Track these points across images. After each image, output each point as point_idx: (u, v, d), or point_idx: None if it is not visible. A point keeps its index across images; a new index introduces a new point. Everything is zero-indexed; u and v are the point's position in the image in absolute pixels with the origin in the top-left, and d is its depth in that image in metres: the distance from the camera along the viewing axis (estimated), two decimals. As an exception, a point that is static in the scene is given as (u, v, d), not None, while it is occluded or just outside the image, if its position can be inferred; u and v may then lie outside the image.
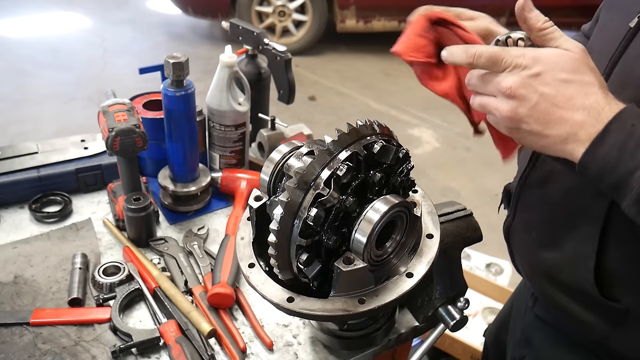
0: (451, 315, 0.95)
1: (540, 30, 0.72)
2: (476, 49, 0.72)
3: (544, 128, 0.69)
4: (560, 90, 0.67)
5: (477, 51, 0.72)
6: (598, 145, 0.66)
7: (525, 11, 0.72)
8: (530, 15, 0.72)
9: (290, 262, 0.76)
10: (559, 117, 0.68)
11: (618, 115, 0.66)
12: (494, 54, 0.70)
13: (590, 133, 0.67)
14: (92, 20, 5.97)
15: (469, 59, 0.73)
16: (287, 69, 1.44)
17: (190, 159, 1.26)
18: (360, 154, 0.73)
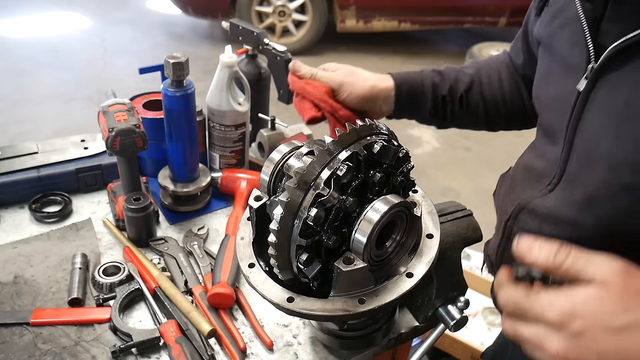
0: (451, 315, 0.95)
1: (558, 269, 0.57)
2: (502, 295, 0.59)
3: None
4: (620, 343, 0.52)
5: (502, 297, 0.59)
6: None
7: (527, 257, 0.59)
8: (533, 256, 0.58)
9: (290, 262, 0.76)
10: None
11: None
12: (517, 305, 0.57)
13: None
14: (92, 20, 5.98)
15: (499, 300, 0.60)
16: (287, 69, 1.44)
17: (190, 159, 1.26)
18: (360, 154, 0.73)
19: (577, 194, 0.81)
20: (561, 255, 0.57)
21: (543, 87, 0.93)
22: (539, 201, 0.88)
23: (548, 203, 0.86)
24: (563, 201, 0.84)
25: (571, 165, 0.83)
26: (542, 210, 0.87)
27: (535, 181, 0.91)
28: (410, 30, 5.59)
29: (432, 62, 5.51)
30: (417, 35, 6.18)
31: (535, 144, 1.00)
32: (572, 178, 0.83)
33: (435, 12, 5.44)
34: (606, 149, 0.77)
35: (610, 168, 0.76)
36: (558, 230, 0.84)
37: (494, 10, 5.46)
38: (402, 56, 5.60)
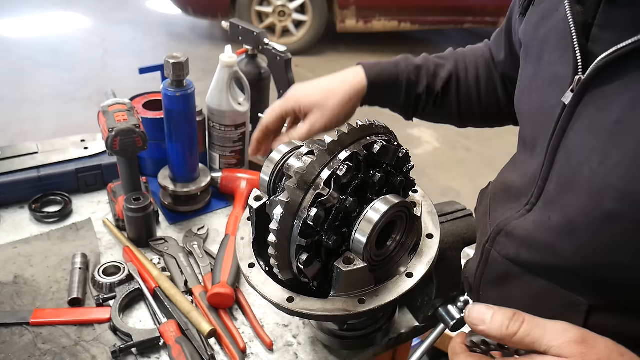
0: (451, 315, 0.95)
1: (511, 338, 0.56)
2: None
3: None
4: None
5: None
6: None
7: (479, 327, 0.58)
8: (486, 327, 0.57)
9: (290, 262, 0.76)
10: None
11: None
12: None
13: None
14: (92, 20, 5.98)
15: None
16: (287, 69, 1.44)
17: (190, 159, 1.26)
18: (360, 154, 0.73)
19: (556, 217, 0.74)
20: (514, 324, 0.56)
21: (525, 95, 0.85)
22: (516, 223, 0.81)
23: (526, 225, 0.79)
24: (541, 224, 0.77)
25: (550, 184, 0.76)
26: (520, 233, 0.80)
27: (514, 200, 0.85)
28: (410, 30, 5.59)
29: (432, 62, 5.51)
30: (417, 35, 6.18)
31: (516, 158, 0.94)
32: (551, 199, 0.76)
33: (435, 12, 5.44)
34: (589, 172, 0.69)
35: (592, 193, 0.69)
36: (536, 255, 0.78)
37: (494, 10, 5.46)
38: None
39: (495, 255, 0.85)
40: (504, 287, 0.84)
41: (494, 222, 0.88)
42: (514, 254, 0.81)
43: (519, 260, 0.80)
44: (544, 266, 0.77)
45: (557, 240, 0.74)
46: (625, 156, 0.65)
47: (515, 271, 0.81)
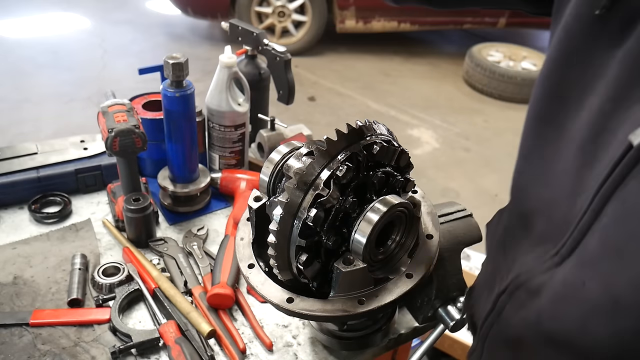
0: (451, 315, 0.95)
1: None
2: None
3: None
4: None
5: None
6: None
7: None
8: None
9: (290, 263, 0.76)
10: None
11: None
12: None
13: None
14: (91, 21, 5.98)
15: None
16: (287, 70, 1.44)
17: (190, 160, 1.26)
18: (360, 155, 0.73)
19: (593, 286, 0.55)
20: None
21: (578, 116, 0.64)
22: (541, 279, 0.63)
23: (553, 285, 0.61)
24: (572, 289, 0.58)
25: (591, 240, 0.56)
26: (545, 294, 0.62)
27: (536, 243, 0.67)
28: (410, 30, 5.59)
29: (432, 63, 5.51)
30: (417, 36, 6.18)
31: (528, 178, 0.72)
32: (590, 260, 0.57)
33: (435, 12, 5.44)
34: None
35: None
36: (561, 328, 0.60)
37: (494, 11, 5.46)
38: (402, 56, 5.61)
39: (511, 312, 0.67)
40: (515, 353, 0.68)
41: (511, 265, 0.71)
42: (534, 319, 0.63)
43: (539, 329, 0.63)
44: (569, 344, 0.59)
45: (591, 316, 0.55)
46: None
47: (531, 340, 0.64)
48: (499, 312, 0.70)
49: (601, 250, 0.55)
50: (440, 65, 5.48)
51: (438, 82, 5.16)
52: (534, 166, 0.70)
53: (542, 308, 0.62)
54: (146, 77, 1.46)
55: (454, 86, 5.12)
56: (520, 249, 0.71)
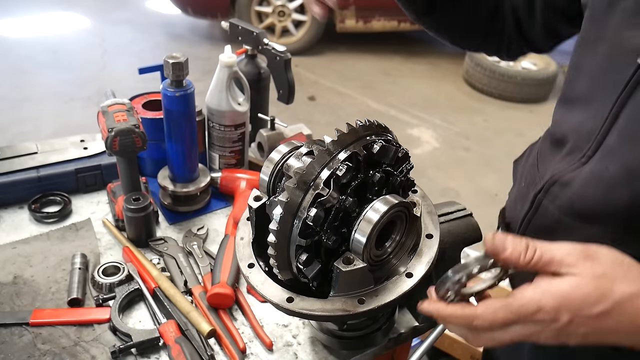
0: (451, 315, 0.95)
1: (527, 265, 0.63)
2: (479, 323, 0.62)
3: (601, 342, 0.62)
4: (598, 325, 0.60)
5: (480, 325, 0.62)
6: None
7: (500, 254, 0.64)
8: (506, 255, 0.63)
9: (290, 262, 0.76)
10: (615, 342, 0.61)
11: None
12: (507, 320, 0.61)
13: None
14: (91, 21, 5.98)
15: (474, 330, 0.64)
16: (287, 69, 1.44)
17: (190, 159, 1.26)
18: (359, 154, 0.73)
19: (614, 167, 0.77)
20: (530, 253, 0.63)
21: (589, 54, 0.86)
22: (572, 175, 0.83)
23: (582, 176, 0.82)
24: (598, 174, 0.79)
25: (611, 137, 0.78)
26: (575, 183, 0.82)
27: (567, 154, 0.87)
28: (410, 30, 5.59)
29: (432, 62, 5.51)
30: (417, 35, 6.18)
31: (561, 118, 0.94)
32: (610, 151, 0.78)
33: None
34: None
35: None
36: (590, 205, 0.80)
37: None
38: (402, 56, 5.61)
39: (547, 205, 0.86)
40: (551, 236, 0.83)
41: (544, 174, 0.90)
42: (568, 204, 0.83)
43: (572, 210, 0.82)
44: (597, 215, 0.79)
45: (614, 189, 0.76)
46: None
47: (566, 221, 0.83)
48: (536, 208, 0.89)
49: (619, 142, 0.76)
50: (440, 65, 5.48)
51: (438, 82, 5.16)
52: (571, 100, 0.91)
53: (573, 194, 0.82)
54: (146, 77, 1.46)
55: (454, 86, 5.12)
56: (552, 163, 0.90)
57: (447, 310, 0.66)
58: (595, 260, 0.61)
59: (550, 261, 0.62)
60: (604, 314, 0.59)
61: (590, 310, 0.59)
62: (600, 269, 0.61)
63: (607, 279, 0.60)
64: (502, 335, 0.63)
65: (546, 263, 0.62)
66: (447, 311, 0.66)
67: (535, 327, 0.61)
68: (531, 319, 0.61)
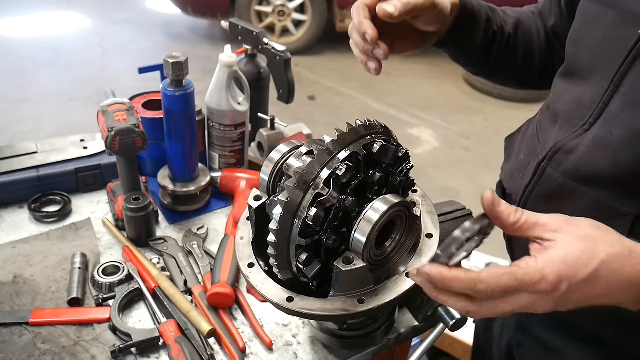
0: (451, 315, 0.95)
1: (514, 225, 0.66)
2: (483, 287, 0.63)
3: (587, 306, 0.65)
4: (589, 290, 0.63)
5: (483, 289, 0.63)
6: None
7: (496, 207, 0.66)
8: (500, 210, 0.66)
9: (290, 262, 0.76)
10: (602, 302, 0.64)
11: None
12: (510, 287, 0.62)
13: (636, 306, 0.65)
14: (91, 20, 5.97)
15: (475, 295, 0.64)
16: (287, 69, 1.44)
17: (190, 159, 1.26)
18: (359, 154, 0.73)
19: (618, 132, 0.80)
20: (517, 215, 0.66)
21: (589, 30, 0.90)
22: (575, 142, 0.86)
23: (585, 142, 0.85)
24: (601, 140, 0.82)
25: (614, 105, 0.82)
26: (579, 149, 0.85)
27: (567, 123, 0.90)
28: (410, 30, 5.57)
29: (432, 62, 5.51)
30: (417, 35, 6.17)
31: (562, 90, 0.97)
32: (614, 117, 0.82)
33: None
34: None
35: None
36: (595, 169, 0.83)
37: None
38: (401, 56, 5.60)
39: (551, 172, 0.89)
40: (555, 201, 0.89)
41: (546, 143, 0.93)
42: (572, 169, 0.86)
43: (576, 175, 0.85)
44: (601, 178, 0.82)
45: (618, 152, 0.80)
46: None
47: (570, 185, 0.86)
48: (540, 176, 0.91)
49: (622, 108, 0.80)
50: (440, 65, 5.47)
51: (438, 82, 5.16)
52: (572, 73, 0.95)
53: (578, 160, 0.84)
54: (146, 77, 1.46)
55: (454, 85, 5.12)
56: (553, 132, 0.92)
57: (451, 274, 0.63)
58: (576, 225, 0.65)
59: (535, 224, 0.65)
60: (593, 276, 0.62)
61: (583, 273, 0.61)
62: (581, 232, 0.64)
63: (590, 240, 0.63)
64: (504, 305, 0.64)
65: (531, 226, 0.65)
66: (451, 274, 0.63)
67: (536, 297, 0.62)
68: (533, 289, 0.62)
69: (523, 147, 1.05)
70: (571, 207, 0.85)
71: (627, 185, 0.80)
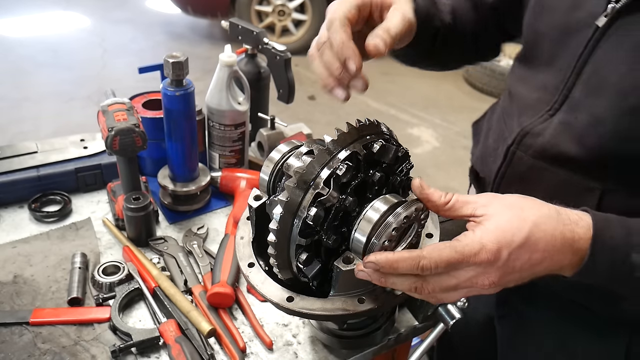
0: (451, 314, 0.95)
1: (445, 205, 0.71)
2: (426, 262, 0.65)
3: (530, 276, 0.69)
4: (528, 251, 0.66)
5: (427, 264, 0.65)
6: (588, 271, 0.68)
7: (425, 190, 0.71)
8: (430, 192, 0.71)
9: (290, 262, 0.76)
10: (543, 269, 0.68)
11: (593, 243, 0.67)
12: (451, 259, 0.65)
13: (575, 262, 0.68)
14: (91, 20, 5.97)
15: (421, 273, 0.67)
16: (287, 69, 1.44)
17: (190, 159, 1.26)
18: (359, 154, 0.73)
19: (582, 116, 0.84)
20: (448, 196, 0.71)
21: (547, 17, 0.92)
22: (542, 125, 0.89)
23: (552, 126, 0.88)
24: (567, 124, 0.86)
25: (576, 91, 0.85)
26: (547, 132, 0.88)
27: (531, 109, 0.93)
28: (410, 29, 5.57)
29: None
30: (417, 35, 6.17)
31: (524, 75, 1.00)
32: (577, 103, 0.85)
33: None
34: (617, 79, 0.79)
35: (619, 93, 0.79)
36: (563, 149, 0.86)
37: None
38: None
39: (521, 155, 0.92)
40: (526, 181, 0.92)
41: (512, 128, 0.95)
42: (541, 150, 0.89)
43: (545, 156, 0.88)
44: (569, 158, 0.85)
45: (583, 135, 0.83)
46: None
47: (539, 165, 0.90)
48: (510, 159, 0.94)
49: (585, 94, 0.83)
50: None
51: (438, 81, 5.16)
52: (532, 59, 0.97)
53: (546, 143, 0.88)
54: (146, 76, 1.46)
55: (454, 85, 5.12)
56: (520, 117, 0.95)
57: (395, 256, 0.67)
58: (503, 198, 0.70)
59: (465, 202, 0.69)
60: (529, 239, 0.65)
61: (519, 237, 0.65)
62: (508, 202, 0.69)
63: (518, 208, 0.67)
64: (449, 279, 0.67)
65: (462, 204, 0.70)
66: (395, 256, 0.67)
67: (480, 269, 0.65)
68: (474, 260, 0.64)
69: (491, 132, 1.07)
70: (542, 185, 0.90)
71: (593, 164, 0.84)
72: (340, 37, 0.77)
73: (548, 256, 0.66)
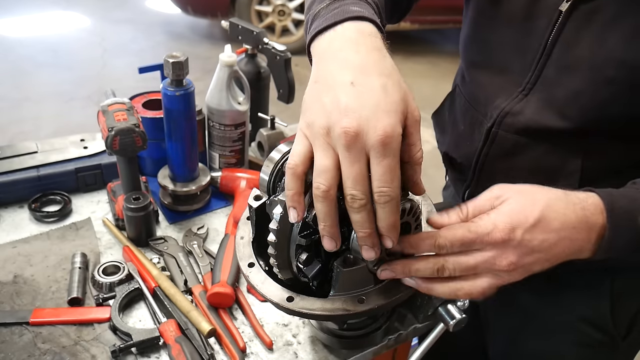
0: (451, 314, 0.94)
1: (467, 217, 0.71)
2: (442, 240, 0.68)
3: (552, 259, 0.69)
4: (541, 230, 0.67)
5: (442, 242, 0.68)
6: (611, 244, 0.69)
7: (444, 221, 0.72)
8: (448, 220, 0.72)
9: (290, 262, 0.76)
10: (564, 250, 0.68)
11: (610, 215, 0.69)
12: (465, 237, 0.67)
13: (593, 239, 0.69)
14: (91, 20, 5.98)
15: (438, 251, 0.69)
16: (287, 68, 1.44)
17: (190, 159, 1.26)
18: (359, 154, 0.73)
19: (560, 92, 0.86)
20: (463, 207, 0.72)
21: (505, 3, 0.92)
22: (521, 104, 0.91)
23: (531, 104, 0.90)
24: (546, 100, 0.88)
25: (548, 70, 0.87)
26: (527, 110, 0.91)
27: (502, 91, 0.95)
28: (410, 29, 5.58)
29: (432, 62, 5.51)
30: (417, 35, 6.18)
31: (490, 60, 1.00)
32: (551, 81, 0.87)
33: (435, 11, 5.43)
34: (589, 54, 0.81)
35: (594, 67, 0.81)
36: (545, 123, 0.89)
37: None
38: (401, 55, 5.60)
39: (503, 134, 0.94)
40: (510, 157, 0.95)
41: (488, 112, 0.96)
42: (524, 127, 0.91)
43: (529, 131, 0.91)
44: (551, 130, 0.88)
45: (564, 109, 0.86)
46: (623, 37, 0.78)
47: (523, 141, 0.92)
48: (492, 140, 0.95)
49: (559, 72, 0.85)
50: (439, 64, 5.47)
51: (437, 81, 5.15)
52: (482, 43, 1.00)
53: (528, 119, 0.90)
54: (146, 76, 1.46)
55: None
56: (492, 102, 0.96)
57: (414, 236, 0.70)
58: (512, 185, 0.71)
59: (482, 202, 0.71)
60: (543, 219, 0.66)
61: (532, 217, 0.66)
62: (517, 188, 0.71)
63: (528, 192, 0.70)
64: (467, 259, 0.68)
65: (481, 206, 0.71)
66: (414, 237, 0.70)
67: (496, 250, 0.66)
68: (488, 240, 0.66)
69: (459, 119, 1.10)
70: (525, 159, 0.93)
71: (575, 134, 0.87)
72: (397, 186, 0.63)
73: (565, 236, 0.67)
